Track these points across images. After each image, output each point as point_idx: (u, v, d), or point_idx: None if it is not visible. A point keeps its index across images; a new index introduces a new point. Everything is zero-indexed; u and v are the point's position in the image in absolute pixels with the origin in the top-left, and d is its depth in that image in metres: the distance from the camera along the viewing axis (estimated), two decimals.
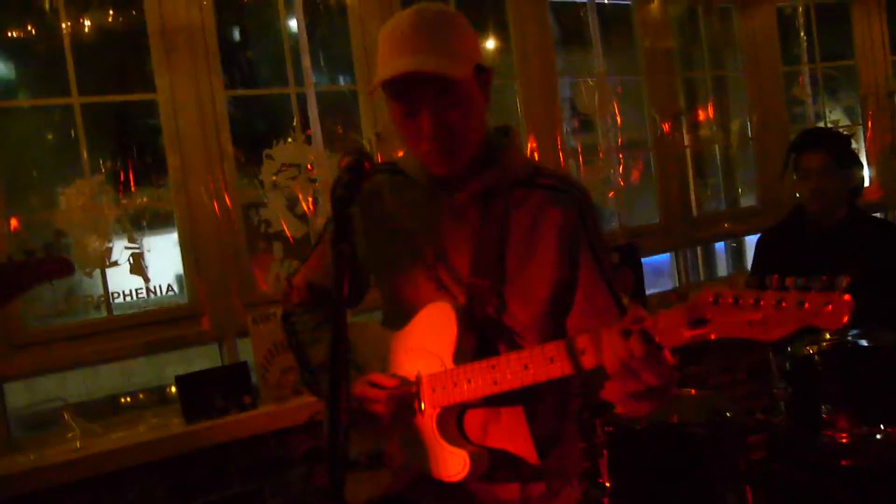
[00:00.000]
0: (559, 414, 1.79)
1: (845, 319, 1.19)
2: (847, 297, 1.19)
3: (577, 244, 1.71)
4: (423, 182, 1.75)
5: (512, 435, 1.71)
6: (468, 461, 1.63)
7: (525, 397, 1.65)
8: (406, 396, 1.69)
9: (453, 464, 1.64)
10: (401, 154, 1.92)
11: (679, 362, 1.55)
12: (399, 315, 1.79)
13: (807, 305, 1.22)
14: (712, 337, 1.34)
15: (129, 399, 3.40)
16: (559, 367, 1.52)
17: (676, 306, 1.38)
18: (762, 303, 1.27)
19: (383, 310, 1.93)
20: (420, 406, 1.69)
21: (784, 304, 1.24)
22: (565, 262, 1.70)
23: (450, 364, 1.66)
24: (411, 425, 1.70)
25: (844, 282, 1.20)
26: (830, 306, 1.20)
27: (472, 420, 1.71)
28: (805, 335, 2.66)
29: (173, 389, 2.98)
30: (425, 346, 1.70)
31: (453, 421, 1.70)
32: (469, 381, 1.62)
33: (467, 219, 1.72)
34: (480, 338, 1.70)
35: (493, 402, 1.64)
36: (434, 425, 1.67)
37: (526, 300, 1.69)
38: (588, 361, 1.50)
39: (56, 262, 1.45)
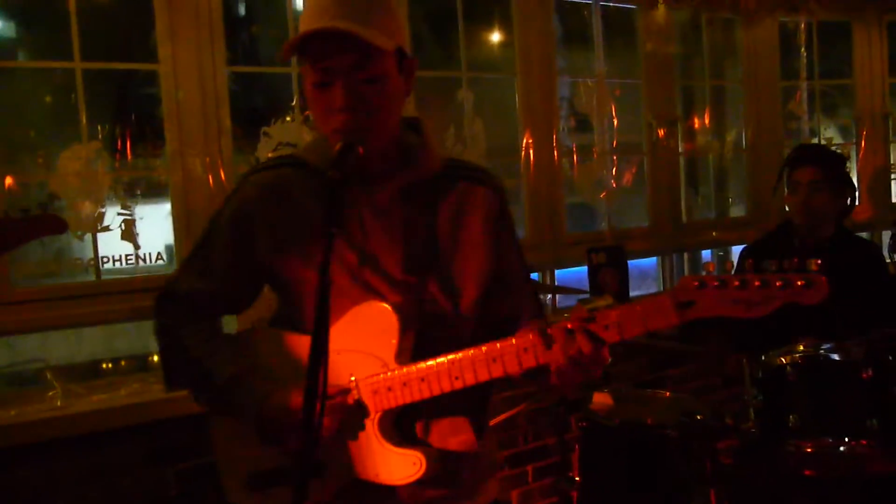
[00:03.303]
0: (485, 399, 1.83)
1: (823, 296, 1.36)
2: (823, 277, 1.36)
3: (500, 231, 1.76)
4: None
5: (454, 430, 1.71)
6: (424, 461, 1.61)
7: (473, 392, 1.63)
8: (346, 402, 1.63)
9: (405, 465, 1.62)
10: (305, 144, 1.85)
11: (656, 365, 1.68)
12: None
13: (791, 284, 1.36)
14: (696, 316, 1.44)
15: (110, 365, 3.42)
16: (531, 357, 1.55)
17: (663, 292, 1.48)
18: (748, 283, 1.38)
19: (279, 315, 1.82)
20: (365, 411, 1.64)
21: (770, 284, 1.37)
22: (492, 249, 1.73)
23: (393, 365, 1.63)
24: (351, 432, 1.65)
25: (815, 265, 1.36)
26: (812, 284, 1.36)
27: (416, 421, 1.69)
28: (781, 345, 2.72)
29: (156, 358, 3.00)
30: (360, 348, 1.65)
31: (392, 424, 1.67)
32: (423, 380, 1.60)
33: (392, 216, 1.68)
34: (418, 334, 1.67)
35: (437, 402, 1.63)
36: (377, 430, 1.64)
37: (459, 292, 1.70)
38: (530, 360, 1.56)
39: (50, 219, 1.46)
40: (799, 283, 1.36)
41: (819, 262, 1.36)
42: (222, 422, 1.81)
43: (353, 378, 1.65)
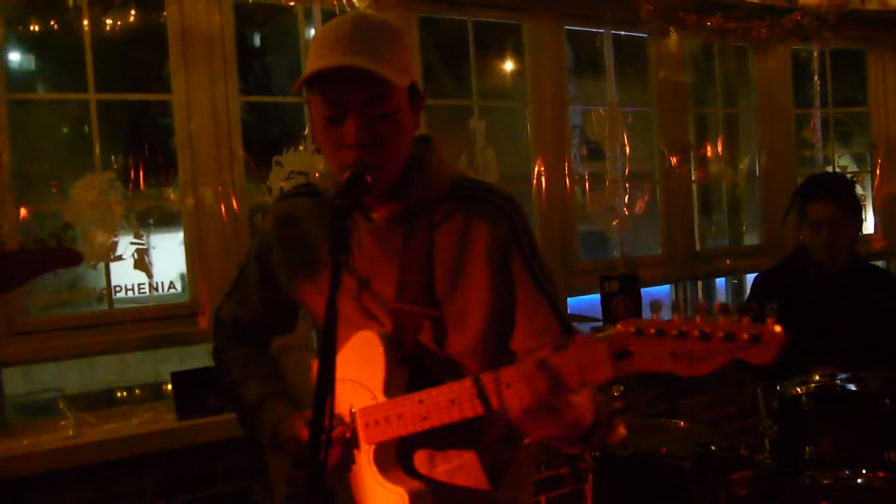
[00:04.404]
0: (509, 440, 1.71)
1: (774, 355, 1.10)
2: (778, 328, 1.10)
3: (509, 260, 1.61)
4: None
5: (461, 466, 1.64)
6: (406, 499, 1.53)
7: (469, 427, 1.52)
8: (342, 434, 1.59)
9: (390, 501, 1.54)
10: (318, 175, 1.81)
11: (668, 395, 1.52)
12: None
13: (735, 338, 1.13)
14: (634, 370, 1.24)
15: (125, 393, 3.42)
16: (479, 406, 1.43)
17: (598, 340, 1.28)
18: (687, 334, 1.17)
19: (317, 337, 1.85)
20: (357, 443, 1.60)
21: (710, 336, 1.15)
22: (498, 280, 1.60)
23: (381, 397, 1.57)
24: (348, 463, 1.62)
25: (774, 309, 1.12)
26: (760, 339, 1.11)
27: (419, 453, 1.63)
28: (794, 376, 2.69)
29: (169, 387, 3.00)
30: (356, 377, 1.60)
31: (393, 456, 1.61)
32: (399, 416, 1.53)
33: (389, 240, 1.62)
34: (416, 367, 1.60)
35: (437, 434, 1.53)
36: (371, 462, 1.58)
37: (461, 325, 1.60)
38: (495, 402, 1.42)
39: (65, 251, 1.46)
40: (744, 336, 1.11)
41: (777, 306, 1.12)
42: None
43: (351, 408, 1.61)
